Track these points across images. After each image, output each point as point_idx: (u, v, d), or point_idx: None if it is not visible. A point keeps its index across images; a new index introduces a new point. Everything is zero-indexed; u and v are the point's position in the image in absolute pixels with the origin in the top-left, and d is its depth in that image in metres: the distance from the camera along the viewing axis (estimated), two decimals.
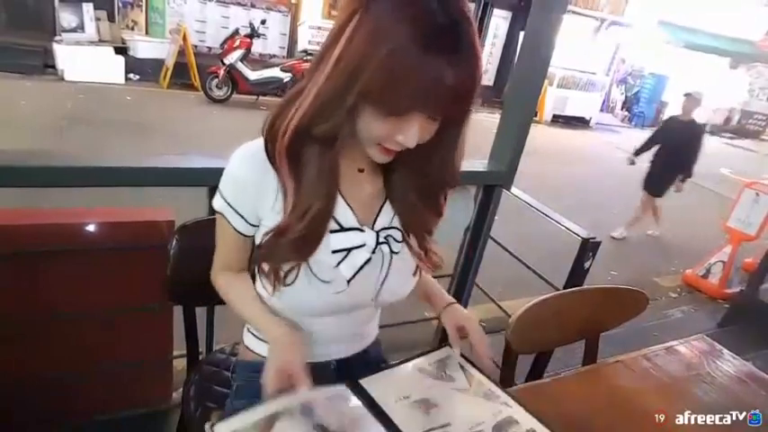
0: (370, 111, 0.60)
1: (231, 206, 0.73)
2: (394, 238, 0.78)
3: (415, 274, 0.83)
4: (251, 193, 0.71)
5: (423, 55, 0.54)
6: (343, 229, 0.73)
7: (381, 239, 0.76)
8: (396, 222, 0.78)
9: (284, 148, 0.64)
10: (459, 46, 0.56)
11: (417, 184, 0.74)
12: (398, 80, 0.55)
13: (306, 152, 0.66)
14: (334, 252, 0.73)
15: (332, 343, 0.87)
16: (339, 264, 0.73)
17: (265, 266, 0.74)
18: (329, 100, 0.60)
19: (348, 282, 0.74)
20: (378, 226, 0.77)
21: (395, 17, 0.55)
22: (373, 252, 0.75)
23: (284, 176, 0.67)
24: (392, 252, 0.78)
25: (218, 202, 0.74)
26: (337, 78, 0.58)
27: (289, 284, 0.73)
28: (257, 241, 0.76)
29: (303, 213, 0.67)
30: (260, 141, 0.70)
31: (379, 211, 0.77)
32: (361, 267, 0.75)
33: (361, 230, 0.75)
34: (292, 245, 0.69)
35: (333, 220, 0.72)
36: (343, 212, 0.73)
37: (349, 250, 0.74)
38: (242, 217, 0.73)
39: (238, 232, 0.75)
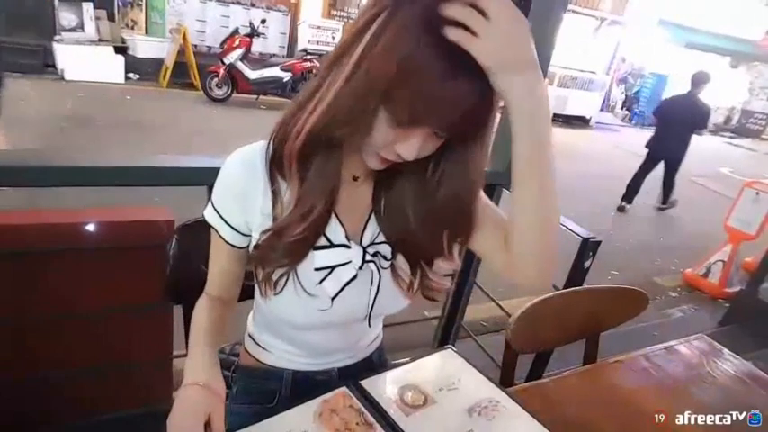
0: (383, 117, 0.57)
1: (220, 215, 0.71)
2: (383, 256, 0.74)
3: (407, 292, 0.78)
4: (239, 191, 0.69)
5: (445, 69, 0.52)
6: (331, 245, 0.71)
7: (369, 257, 0.72)
8: (383, 236, 0.75)
9: (297, 148, 0.62)
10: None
11: (417, 206, 0.69)
12: (416, 89, 0.53)
13: (315, 154, 0.64)
14: (317, 270, 0.71)
15: (331, 353, 0.86)
16: (322, 281, 0.72)
17: (260, 273, 0.72)
18: (350, 102, 0.57)
19: (332, 299, 0.73)
20: (365, 240, 0.74)
21: (423, 24, 0.52)
22: (360, 268, 0.72)
23: (289, 177, 0.66)
24: (380, 268, 0.74)
25: (208, 213, 0.72)
26: (359, 80, 0.55)
27: (278, 292, 0.72)
28: (254, 242, 0.73)
29: (305, 214, 0.66)
30: (254, 146, 0.69)
31: (366, 222, 0.74)
32: (347, 284, 0.72)
33: (348, 247, 0.72)
34: (289, 247, 0.67)
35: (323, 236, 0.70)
36: (332, 227, 0.71)
37: (332, 268, 0.72)
38: (230, 225, 0.71)
39: (228, 243, 0.73)
